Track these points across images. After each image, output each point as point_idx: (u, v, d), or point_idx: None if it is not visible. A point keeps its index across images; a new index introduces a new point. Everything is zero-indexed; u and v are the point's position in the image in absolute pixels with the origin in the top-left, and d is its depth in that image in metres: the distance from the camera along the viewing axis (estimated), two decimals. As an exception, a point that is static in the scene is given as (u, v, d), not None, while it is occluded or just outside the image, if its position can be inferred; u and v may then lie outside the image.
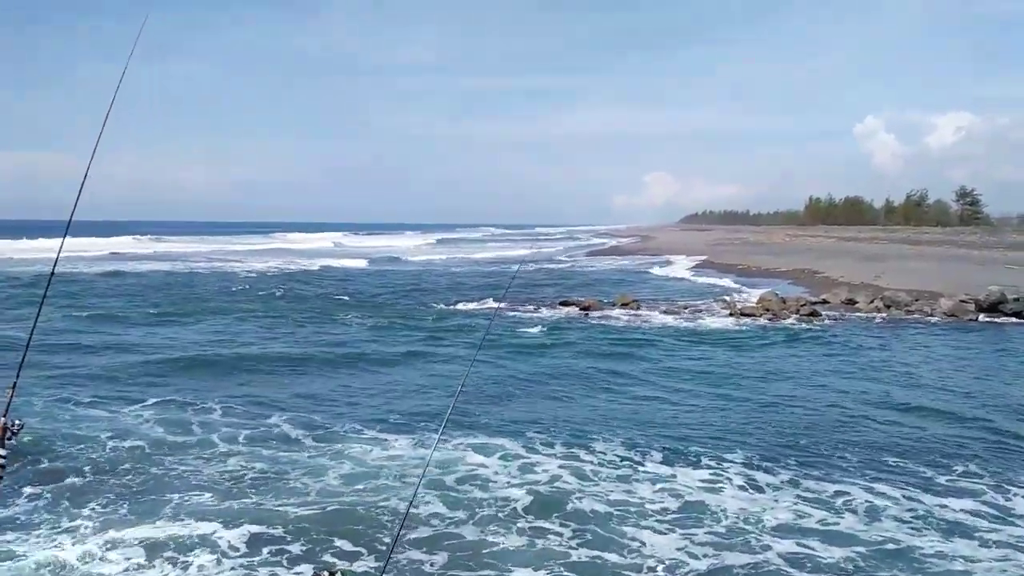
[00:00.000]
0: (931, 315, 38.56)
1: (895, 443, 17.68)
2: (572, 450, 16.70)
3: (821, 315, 39.30)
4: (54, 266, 7.78)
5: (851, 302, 43.26)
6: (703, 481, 14.94)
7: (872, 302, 41.67)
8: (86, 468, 15.23)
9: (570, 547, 12.16)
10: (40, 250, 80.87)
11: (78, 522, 12.62)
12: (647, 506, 13.75)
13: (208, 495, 13.97)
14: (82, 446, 16.48)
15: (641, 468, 15.67)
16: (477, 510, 13.46)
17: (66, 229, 7.41)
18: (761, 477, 15.20)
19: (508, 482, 14.84)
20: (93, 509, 13.27)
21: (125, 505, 13.48)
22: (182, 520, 12.68)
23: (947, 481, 15.07)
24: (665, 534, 12.61)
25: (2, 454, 6.35)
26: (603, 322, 37.15)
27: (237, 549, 11.79)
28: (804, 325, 36.00)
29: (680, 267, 76.85)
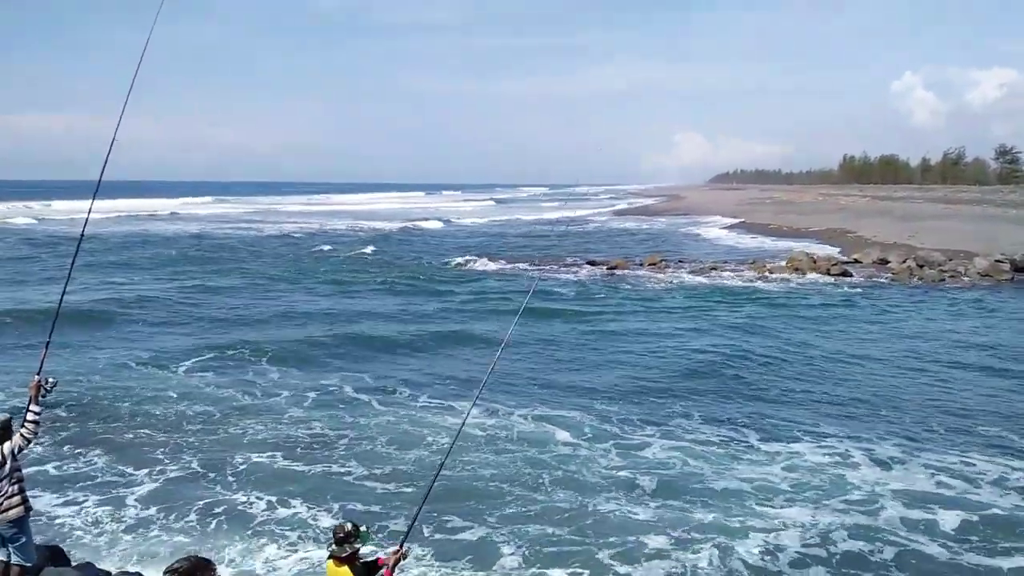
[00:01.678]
0: (964, 275, 38.02)
1: (987, 411, 16.98)
2: (661, 427, 15.91)
3: (852, 275, 38.91)
4: (84, 227, 7.80)
5: (883, 262, 42.50)
6: (814, 455, 14.24)
7: (904, 262, 40.82)
8: (157, 426, 15.49)
9: (692, 513, 11.85)
10: (106, 210, 78.81)
11: (147, 483, 12.84)
12: (747, 474, 13.34)
13: (282, 457, 13.94)
14: (149, 405, 16.76)
15: (728, 437, 15.19)
16: (581, 482, 13.07)
17: (95, 191, 7.57)
18: (860, 446, 14.63)
19: (599, 455, 14.29)
20: (160, 469, 13.43)
21: (195, 463, 13.68)
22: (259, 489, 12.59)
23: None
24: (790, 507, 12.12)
25: (35, 411, 6.65)
26: (632, 283, 36.85)
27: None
28: (838, 287, 35.25)
29: (708, 227, 76.02)
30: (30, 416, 6.71)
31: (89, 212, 8.06)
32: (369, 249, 51.58)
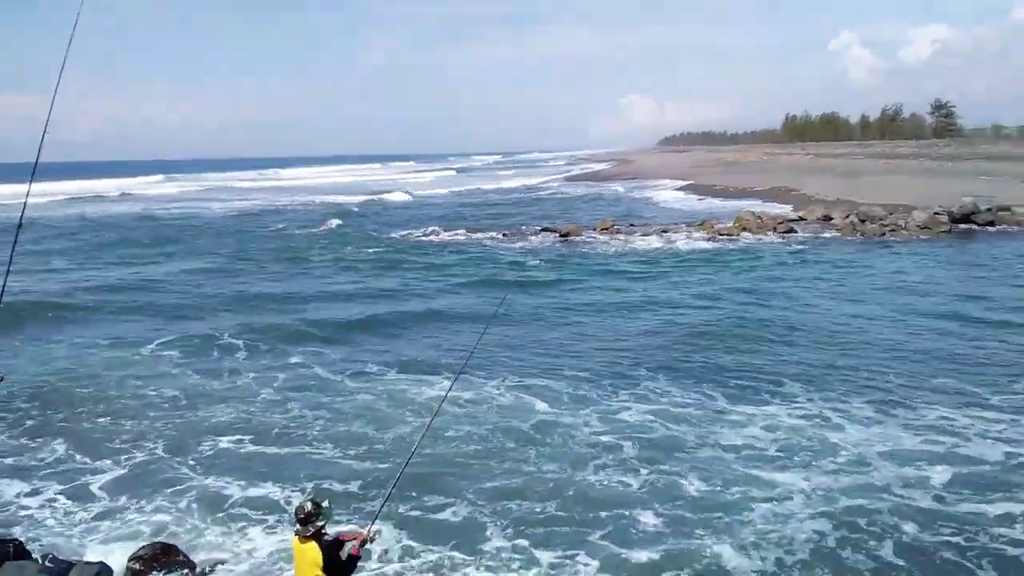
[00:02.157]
0: (905, 228, 38.91)
1: (941, 359, 17.13)
2: (634, 392, 15.63)
3: (798, 232, 39.55)
4: (22, 213, 6.98)
5: (827, 218, 43.18)
6: (791, 417, 14.01)
7: (847, 217, 41.49)
8: (121, 414, 14.92)
9: (681, 480, 11.48)
10: (51, 193, 77.02)
11: (111, 470, 12.40)
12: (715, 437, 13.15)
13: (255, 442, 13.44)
14: (111, 392, 16.14)
15: (701, 401, 15.01)
16: (555, 451, 12.74)
17: (31, 175, 7.16)
18: (829, 405, 14.51)
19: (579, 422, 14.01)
20: (128, 456, 12.94)
21: (159, 448, 13.21)
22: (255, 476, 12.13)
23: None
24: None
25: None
26: (585, 249, 36.64)
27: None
28: (785, 245, 35.68)
29: (658, 190, 76.36)
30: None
31: (27, 196, 7.57)
32: (334, 224, 49.59)
